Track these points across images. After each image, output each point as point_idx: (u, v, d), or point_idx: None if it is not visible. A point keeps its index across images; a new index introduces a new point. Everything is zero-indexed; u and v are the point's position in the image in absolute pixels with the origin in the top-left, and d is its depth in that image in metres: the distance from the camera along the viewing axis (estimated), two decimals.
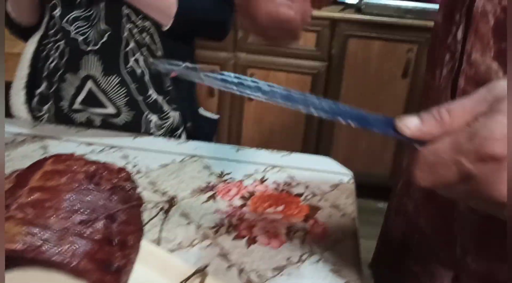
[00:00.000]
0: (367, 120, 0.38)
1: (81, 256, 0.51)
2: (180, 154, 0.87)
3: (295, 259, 0.64)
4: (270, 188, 0.79)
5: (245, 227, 0.70)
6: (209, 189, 0.78)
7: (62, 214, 0.54)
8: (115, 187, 0.60)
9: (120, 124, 0.91)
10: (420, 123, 0.35)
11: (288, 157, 0.90)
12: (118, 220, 0.58)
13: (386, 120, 0.38)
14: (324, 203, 0.77)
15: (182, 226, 0.69)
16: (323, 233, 0.70)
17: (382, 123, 0.37)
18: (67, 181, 0.58)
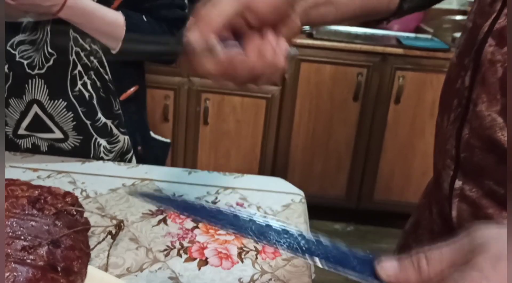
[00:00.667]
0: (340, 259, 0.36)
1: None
2: (131, 178, 0.86)
3: (247, 279, 0.64)
4: None
5: (197, 249, 0.69)
6: (160, 213, 0.77)
7: (6, 241, 0.52)
8: (60, 211, 0.59)
9: (67, 149, 0.89)
10: (398, 269, 0.35)
11: (240, 178, 0.90)
12: (63, 245, 0.56)
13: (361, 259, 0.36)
14: None
15: (131, 250, 0.68)
16: (275, 253, 0.70)
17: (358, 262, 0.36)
18: (9, 206, 0.56)
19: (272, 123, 2.12)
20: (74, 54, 0.84)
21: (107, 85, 0.88)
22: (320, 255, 0.36)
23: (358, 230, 2.29)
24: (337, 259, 0.36)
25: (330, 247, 0.37)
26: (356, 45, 1.99)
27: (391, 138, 2.11)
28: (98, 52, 0.86)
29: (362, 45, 1.98)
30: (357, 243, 2.20)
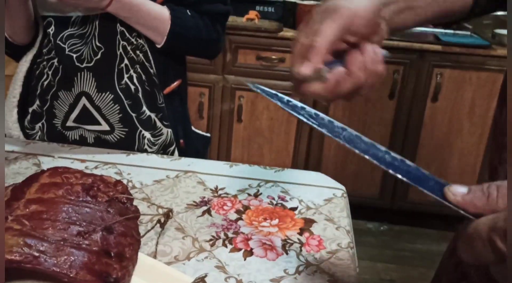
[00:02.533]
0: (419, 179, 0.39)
1: (79, 267, 0.51)
2: (174, 170, 0.87)
3: (292, 271, 0.64)
4: (265, 202, 0.80)
5: (241, 240, 0.70)
6: (204, 204, 0.78)
7: (59, 226, 0.54)
8: (112, 199, 0.60)
9: (113, 141, 0.91)
10: (466, 193, 0.36)
11: (281, 172, 0.90)
12: (115, 232, 0.57)
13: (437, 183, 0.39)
14: (318, 216, 0.77)
15: (178, 239, 0.69)
16: (319, 245, 0.70)
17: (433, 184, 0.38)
18: (64, 193, 0.58)
19: None
20: (121, 48, 0.86)
21: (152, 79, 0.90)
22: (403, 172, 0.39)
23: (391, 229, 2.26)
24: (416, 178, 0.39)
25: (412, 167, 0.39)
26: (393, 42, 1.96)
27: (428, 137, 2.07)
28: (143, 46, 0.88)
29: (399, 42, 1.95)
30: (390, 243, 2.17)
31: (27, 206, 0.55)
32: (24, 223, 0.52)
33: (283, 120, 2.11)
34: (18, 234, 0.51)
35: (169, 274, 0.58)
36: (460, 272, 0.66)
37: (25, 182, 0.60)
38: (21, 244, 0.50)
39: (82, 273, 0.51)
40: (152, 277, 0.58)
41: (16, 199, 0.56)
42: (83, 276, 0.50)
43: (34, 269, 0.49)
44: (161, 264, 0.60)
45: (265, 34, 2.01)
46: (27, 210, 0.54)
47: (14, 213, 0.54)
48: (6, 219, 0.53)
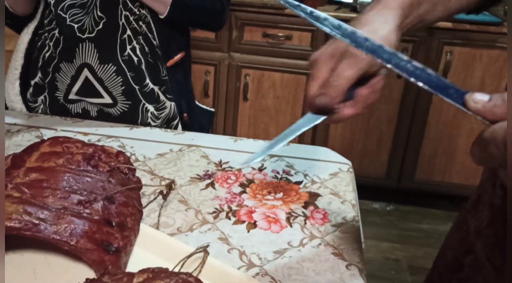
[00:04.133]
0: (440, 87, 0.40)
1: (79, 235, 0.50)
2: (178, 144, 0.86)
3: (296, 243, 0.63)
4: (269, 176, 0.79)
5: (245, 212, 0.69)
6: (208, 177, 0.77)
7: (60, 194, 0.53)
8: (113, 169, 0.59)
9: (116, 115, 0.90)
10: (487, 101, 0.36)
11: (286, 147, 0.89)
12: (117, 201, 0.56)
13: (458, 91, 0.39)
14: (323, 190, 0.76)
15: (180, 211, 0.68)
16: (324, 219, 0.69)
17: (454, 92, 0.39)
18: (65, 162, 0.57)
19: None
20: (123, 18, 0.84)
21: (155, 50, 0.88)
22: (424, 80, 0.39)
23: (398, 209, 2.25)
24: (437, 86, 0.39)
25: (433, 75, 0.39)
26: None
27: (436, 116, 2.04)
28: (146, 17, 0.86)
29: None
30: (396, 222, 2.16)
31: (27, 174, 0.54)
32: (23, 191, 0.51)
33: (290, 98, 2.09)
34: (18, 202, 0.50)
35: (171, 244, 0.57)
36: (466, 246, 0.64)
37: (26, 151, 0.59)
38: (21, 212, 0.49)
39: (82, 241, 0.50)
40: (154, 247, 0.58)
41: (16, 167, 0.55)
42: (83, 244, 0.50)
43: (34, 236, 0.48)
44: (163, 234, 0.59)
45: (271, 11, 1.97)
46: (27, 178, 0.53)
47: (13, 181, 0.53)
48: (5, 186, 0.52)
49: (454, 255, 0.68)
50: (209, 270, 0.53)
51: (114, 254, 0.52)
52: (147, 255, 0.57)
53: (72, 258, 0.57)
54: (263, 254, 0.61)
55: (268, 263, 0.59)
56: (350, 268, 0.60)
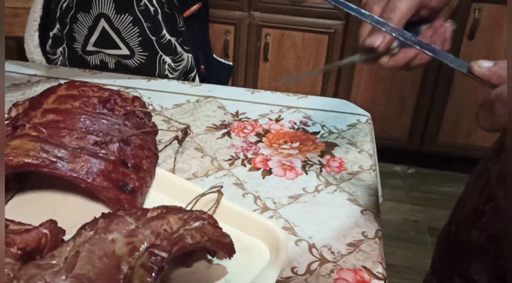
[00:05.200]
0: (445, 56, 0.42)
1: (95, 174, 0.51)
2: (195, 95, 0.86)
3: (311, 189, 0.63)
4: (286, 127, 0.78)
5: (261, 160, 0.69)
6: (224, 127, 0.77)
7: (76, 135, 0.54)
8: (129, 113, 0.60)
9: (134, 66, 0.90)
10: (492, 65, 0.37)
11: (304, 99, 0.88)
12: (132, 144, 0.57)
13: (463, 61, 0.41)
14: (341, 140, 0.75)
15: (196, 158, 0.68)
16: (340, 167, 0.68)
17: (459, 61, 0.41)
18: (81, 104, 0.57)
19: (334, 60, 2.05)
20: None
21: (172, 0, 0.87)
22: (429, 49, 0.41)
23: (419, 172, 2.23)
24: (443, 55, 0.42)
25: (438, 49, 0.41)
26: None
27: (462, 76, 1.99)
28: None
29: None
30: (417, 185, 2.14)
31: (44, 115, 0.55)
32: (41, 130, 0.52)
33: (311, 59, 2.06)
34: (35, 140, 0.51)
35: (187, 187, 0.58)
36: (486, 195, 0.63)
37: (43, 94, 0.59)
38: (38, 149, 0.50)
39: (99, 179, 0.51)
40: (170, 190, 0.58)
41: (34, 109, 0.56)
42: (99, 183, 0.51)
43: (51, 173, 0.49)
44: (179, 178, 0.60)
45: None
46: (44, 118, 0.54)
47: (31, 121, 0.54)
48: (23, 126, 0.53)
49: (473, 205, 0.67)
50: (223, 211, 0.54)
51: (130, 193, 0.53)
52: (163, 197, 0.58)
53: (90, 198, 0.58)
54: (277, 198, 0.61)
55: (283, 207, 0.59)
56: (365, 213, 0.59)
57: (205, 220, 0.46)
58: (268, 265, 0.48)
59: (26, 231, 0.40)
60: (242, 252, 0.50)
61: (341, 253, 0.53)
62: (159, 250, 0.40)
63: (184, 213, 0.46)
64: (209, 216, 0.47)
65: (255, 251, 0.51)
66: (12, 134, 0.52)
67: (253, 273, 0.48)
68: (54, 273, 0.37)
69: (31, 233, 0.40)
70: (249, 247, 0.51)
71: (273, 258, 0.49)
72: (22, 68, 0.92)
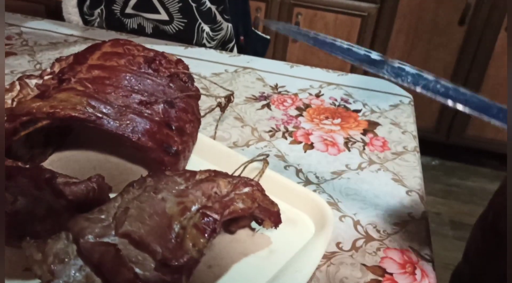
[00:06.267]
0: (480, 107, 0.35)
1: (140, 132, 0.50)
2: (233, 65, 0.84)
3: (354, 166, 0.61)
4: (327, 103, 0.76)
5: (302, 134, 0.67)
6: (263, 98, 0.75)
7: (122, 92, 0.52)
8: (173, 75, 0.58)
9: (171, 33, 0.88)
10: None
11: (345, 76, 0.85)
12: (176, 107, 0.55)
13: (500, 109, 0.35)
14: (383, 120, 0.73)
15: (237, 127, 0.67)
16: (383, 146, 0.66)
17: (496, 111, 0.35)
18: (126, 63, 0.56)
19: (365, 44, 2.00)
20: None
21: None
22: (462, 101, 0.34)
23: (443, 165, 2.19)
24: (478, 106, 0.34)
25: (468, 94, 0.34)
26: None
27: (496, 69, 1.93)
28: None
29: None
30: (441, 178, 2.10)
31: (90, 71, 0.53)
32: (87, 86, 0.51)
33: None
34: (82, 94, 0.49)
35: (229, 154, 0.56)
36: None
37: (88, 49, 0.58)
38: (85, 104, 0.48)
39: (144, 139, 0.49)
40: (212, 156, 0.57)
41: (79, 63, 0.54)
42: (144, 142, 0.49)
43: (97, 127, 0.48)
44: (221, 145, 0.58)
45: None
46: (89, 74, 0.53)
47: (77, 76, 0.52)
48: (69, 80, 0.52)
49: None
50: (268, 181, 0.52)
51: (173, 156, 0.51)
52: (205, 163, 0.57)
53: (129, 160, 0.57)
54: (320, 173, 0.59)
55: (326, 182, 0.58)
56: (411, 194, 0.57)
57: (254, 186, 0.44)
58: (314, 237, 0.47)
59: (74, 184, 0.39)
60: (286, 224, 0.48)
61: (387, 232, 0.51)
62: (211, 212, 0.38)
63: (232, 177, 0.45)
64: (257, 183, 0.45)
65: (299, 223, 0.49)
66: (58, 87, 0.51)
67: (298, 245, 0.46)
68: (104, 228, 0.36)
69: (80, 186, 0.39)
70: (293, 219, 0.50)
71: (319, 230, 0.47)
72: (59, 27, 0.91)
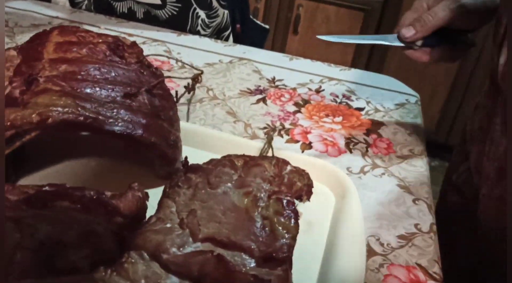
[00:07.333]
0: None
1: (140, 128, 0.44)
2: (228, 56, 0.78)
3: (356, 170, 0.56)
4: (327, 99, 0.70)
5: (299, 132, 0.62)
6: (259, 92, 0.70)
7: (102, 87, 0.46)
8: (140, 61, 0.52)
9: (164, 18, 0.82)
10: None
11: (347, 71, 0.80)
12: (156, 94, 0.50)
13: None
14: (388, 120, 0.67)
15: (228, 122, 0.61)
16: (388, 149, 0.61)
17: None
18: (89, 52, 0.49)
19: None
20: None
21: None
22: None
23: (442, 166, 2.14)
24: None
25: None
26: None
27: None
28: None
29: None
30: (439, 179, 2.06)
31: (54, 67, 0.46)
32: (61, 84, 0.44)
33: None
34: (63, 95, 0.43)
35: (217, 136, 0.52)
36: None
37: (33, 42, 0.50)
38: (73, 105, 0.42)
39: (145, 135, 0.44)
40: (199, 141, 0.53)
41: (34, 59, 0.47)
42: (147, 138, 0.44)
43: (98, 131, 0.42)
44: (205, 128, 0.54)
45: None
46: (55, 70, 0.46)
47: (41, 74, 0.45)
48: (36, 80, 0.44)
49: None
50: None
51: (172, 147, 0.46)
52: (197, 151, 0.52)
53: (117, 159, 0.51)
54: None
55: None
56: (418, 203, 0.52)
57: (289, 163, 0.42)
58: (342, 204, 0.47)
59: (119, 196, 0.34)
60: None
61: (392, 246, 0.46)
62: (283, 196, 0.37)
63: (267, 158, 0.42)
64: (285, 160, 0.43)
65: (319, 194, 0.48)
66: (29, 90, 0.43)
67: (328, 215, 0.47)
68: (180, 237, 0.32)
69: (128, 197, 0.34)
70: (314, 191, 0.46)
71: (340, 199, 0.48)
72: (43, 8, 0.85)
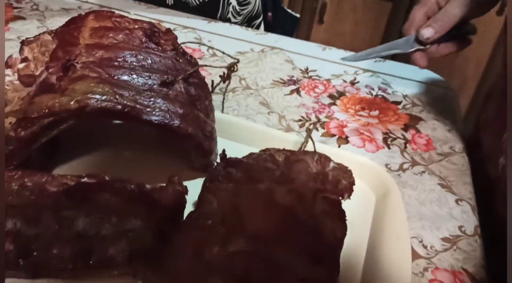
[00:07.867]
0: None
1: (178, 118, 0.43)
2: (259, 44, 0.76)
3: (395, 167, 0.54)
4: (362, 91, 0.68)
5: (335, 125, 0.59)
6: (293, 83, 0.67)
7: (139, 74, 0.44)
8: (176, 48, 0.50)
9: (194, 5, 0.80)
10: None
11: (382, 63, 0.77)
12: (192, 83, 0.48)
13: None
14: (426, 115, 0.65)
15: (262, 114, 0.59)
16: (428, 145, 0.58)
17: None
18: (125, 38, 0.47)
19: (394, 30, 1.89)
20: None
21: None
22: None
23: None
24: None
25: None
26: None
27: None
28: None
29: None
30: None
31: (90, 52, 0.44)
32: (98, 71, 0.43)
33: (369, 25, 1.91)
34: (101, 82, 0.41)
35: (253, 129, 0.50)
36: None
37: (68, 27, 0.48)
38: (111, 92, 0.41)
39: (183, 125, 0.42)
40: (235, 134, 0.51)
41: (70, 44, 0.45)
42: (184, 129, 0.43)
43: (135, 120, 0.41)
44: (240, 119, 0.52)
45: None
46: (92, 56, 0.44)
47: (78, 60, 0.44)
48: (73, 66, 0.43)
49: None
50: None
51: (208, 139, 0.45)
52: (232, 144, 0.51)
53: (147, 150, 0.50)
54: None
55: None
56: (461, 204, 0.50)
57: (331, 160, 0.41)
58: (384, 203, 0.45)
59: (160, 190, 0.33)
60: None
61: (436, 249, 0.44)
62: (330, 194, 0.36)
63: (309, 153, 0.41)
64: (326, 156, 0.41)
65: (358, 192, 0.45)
66: (67, 76, 0.42)
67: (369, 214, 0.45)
68: (223, 234, 0.31)
69: (168, 191, 0.33)
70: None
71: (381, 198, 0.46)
72: None
